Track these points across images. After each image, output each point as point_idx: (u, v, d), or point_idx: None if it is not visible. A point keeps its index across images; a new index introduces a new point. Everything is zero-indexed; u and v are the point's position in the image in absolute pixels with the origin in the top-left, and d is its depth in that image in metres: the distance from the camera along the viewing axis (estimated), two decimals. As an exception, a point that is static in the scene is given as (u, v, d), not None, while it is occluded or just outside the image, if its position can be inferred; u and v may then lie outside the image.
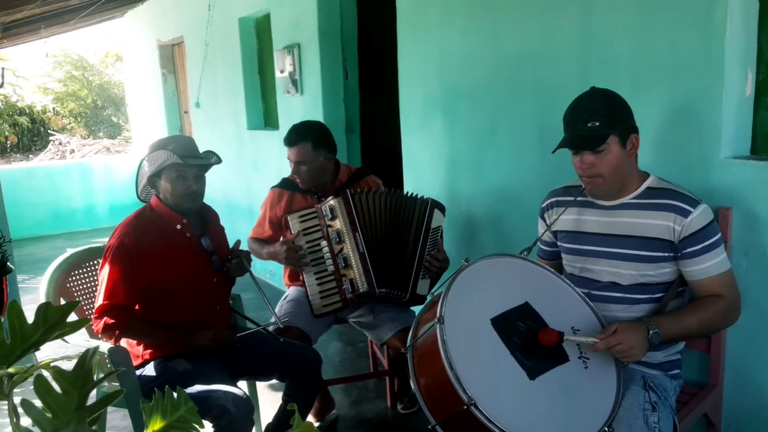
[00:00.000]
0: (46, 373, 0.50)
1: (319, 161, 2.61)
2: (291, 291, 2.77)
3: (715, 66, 1.93)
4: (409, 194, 2.51)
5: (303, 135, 2.60)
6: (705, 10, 1.93)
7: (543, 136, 2.56)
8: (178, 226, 2.22)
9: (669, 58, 2.05)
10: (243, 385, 2.42)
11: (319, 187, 2.69)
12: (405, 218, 2.45)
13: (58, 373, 0.49)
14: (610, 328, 1.61)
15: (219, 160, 2.28)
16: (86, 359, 0.50)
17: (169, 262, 2.16)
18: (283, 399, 2.39)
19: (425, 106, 3.23)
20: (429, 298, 2.37)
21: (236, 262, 2.34)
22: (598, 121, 1.71)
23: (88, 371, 0.50)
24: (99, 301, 2.07)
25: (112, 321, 2.03)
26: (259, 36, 5.18)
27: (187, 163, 2.14)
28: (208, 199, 2.31)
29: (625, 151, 1.74)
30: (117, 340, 2.10)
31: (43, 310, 0.51)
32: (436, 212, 2.47)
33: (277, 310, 2.69)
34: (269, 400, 3.01)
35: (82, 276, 2.50)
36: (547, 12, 2.46)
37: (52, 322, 0.49)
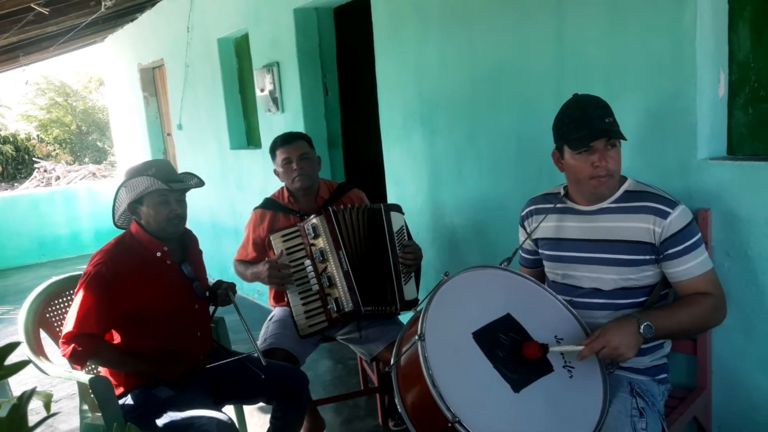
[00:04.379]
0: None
1: (315, 159, 2.70)
2: (276, 312, 2.74)
3: (687, 68, 1.93)
4: (369, 206, 2.52)
5: (297, 135, 2.72)
6: (675, 13, 1.93)
7: (521, 145, 2.56)
8: (158, 254, 2.19)
9: (642, 62, 2.06)
10: (229, 410, 2.37)
11: (308, 196, 2.70)
12: (375, 231, 2.43)
13: (-11, 420, 0.47)
14: (594, 333, 1.59)
15: (201, 182, 2.27)
16: (21, 404, 0.48)
17: (148, 289, 2.12)
18: (271, 422, 2.35)
19: (405, 119, 3.22)
20: (419, 301, 2.34)
21: (221, 293, 2.35)
22: (611, 117, 1.72)
23: (23, 416, 0.48)
24: (68, 327, 2.03)
25: (81, 348, 2.00)
26: (238, 55, 5.18)
27: (171, 188, 2.11)
28: (193, 221, 2.29)
29: None
30: (83, 366, 2.10)
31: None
32: (393, 214, 2.46)
33: (262, 331, 2.66)
34: (258, 423, 2.97)
35: (63, 304, 2.45)
36: (520, 23, 2.46)
37: (-10, 366, 0.47)
